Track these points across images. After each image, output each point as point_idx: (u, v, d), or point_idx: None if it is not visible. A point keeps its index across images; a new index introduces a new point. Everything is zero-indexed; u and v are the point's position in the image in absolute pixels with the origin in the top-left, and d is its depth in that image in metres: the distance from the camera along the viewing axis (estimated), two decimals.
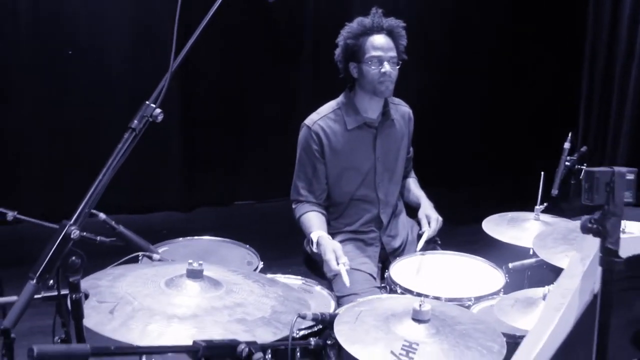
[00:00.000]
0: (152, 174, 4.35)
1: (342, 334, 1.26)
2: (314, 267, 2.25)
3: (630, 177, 0.79)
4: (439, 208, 2.28)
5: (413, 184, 2.39)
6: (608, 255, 0.78)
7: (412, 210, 2.33)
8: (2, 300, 1.29)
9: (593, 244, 0.86)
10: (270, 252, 2.54)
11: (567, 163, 2.10)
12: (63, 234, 1.03)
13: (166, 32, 4.18)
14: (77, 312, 1.07)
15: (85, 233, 1.59)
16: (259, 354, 1.13)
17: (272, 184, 4.52)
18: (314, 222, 2.07)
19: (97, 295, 1.34)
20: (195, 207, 4.57)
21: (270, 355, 1.32)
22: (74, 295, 1.06)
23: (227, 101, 4.53)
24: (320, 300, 1.83)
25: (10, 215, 1.65)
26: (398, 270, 1.96)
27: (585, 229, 0.81)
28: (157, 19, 4.11)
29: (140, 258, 1.84)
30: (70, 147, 4.02)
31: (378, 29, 2.04)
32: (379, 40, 2.04)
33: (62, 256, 1.03)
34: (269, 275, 1.90)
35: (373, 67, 2.03)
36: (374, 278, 2.07)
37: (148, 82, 4.49)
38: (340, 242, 2.15)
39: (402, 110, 2.27)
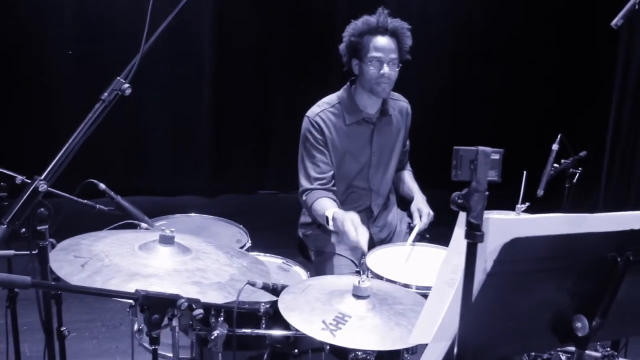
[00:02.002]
0: (182, 160, 4.58)
1: (284, 302, 1.36)
2: (303, 250, 2.37)
3: (496, 157, 0.84)
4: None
5: (408, 176, 2.44)
6: (471, 228, 0.84)
7: (405, 202, 2.39)
8: None
9: None
10: (278, 238, 2.65)
11: (555, 165, 2.10)
12: (32, 187, 1.18)
13: (199, 26, 4.41)
14: (43, 258, 1.21)
15: (86, 201, 1.78)
16: (200, 311, 1.25)
17: (297, 176, 4.66)
18: (328, 204, 2.04)
19: (76, 252, 1.51)
20: (220, 193, 4.77)
21: (222, 319, 1.43)
22: (40, 243, 1.21)
23: (257, 91, 4.70)
24: (295, 278, 1.92)
25: (19, 179, 1.83)
26: (375, 258, 2.03)
27: (453, 204, 0.86)
28: (191, 15, 4.34)
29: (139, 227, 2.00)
30: (106, 129, 4.29)
31: (382, 30, 2.08)
32: (382, 41, 2.07)
33: (31, 206, 1.18)
34: (252, 254, 2.03)
35: (372, 68, 2.08)
36: (356, 264, 2.15)
37: (181, 67, 4.69)
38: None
39: (399, 105, 2.32)
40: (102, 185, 1.94)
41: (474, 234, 0.83)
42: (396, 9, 4.62)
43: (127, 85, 1.25)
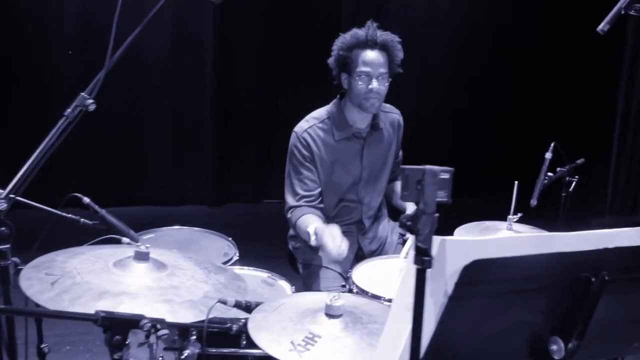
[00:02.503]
0: (184, 169, 4.57)
1: (254, 321, 1.32)
2: (293, 263, 2.33)
3: (445, 176, 0.78)
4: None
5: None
6: (419, 253, 0.78)
7: (398, 213, 2.33)
8: None
9: (433, 242, 0.86)
10: (275, 249, 2.61)
11: (549, 174, 2.03)
12: None
13: (203, 33, 4.41)
14: (5, 278, 1.19)
15: (70, 215, 1.76)
16: (165, 331, 1.22)
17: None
18: (312, 220, 2.01)
19: (48, 269, 1.48)
20: (224, 202, 4.74)
21: (194, 337, 1.39)
22: (2, 262, 1.18)
23: (262, 99, 4.67)
24: (280, 293, 1.88)
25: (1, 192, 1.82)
26: (364, 271, 1.98)
27: (402, 226, 0.82)
28: (195, 21, 4.34)
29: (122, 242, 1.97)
30: (108, 138, 4.30)
31: (371, 44, 2.03)
32: (370, 55, 2.03)
33: None
34: (237, 268, 1.99)
35: (361, 83, 2.03)
36: (344, 277, 2.10)
37: (185, 76, 4.60)
38: None
39: (391, 117, 2.26)
40: (86, 199, 1.92)
41: (422, 260, 0.78)
42: (399, 12, 4.58)
43: (91, 101, 1.23)
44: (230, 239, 2.24)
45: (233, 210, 4.70)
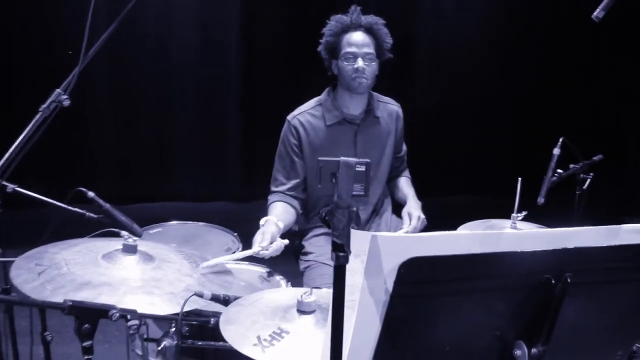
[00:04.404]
0: (212, 165, 4.64)
1: (227, 314, 1.32)
2: (297, 258, 2.32)
3: (361, 168, 0.75)
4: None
5: (404, 182, 2.35)
6: (335, 249, 0.75)
7: (401, 210, 2.29)
8: None
9: (364, 238, 0.83)
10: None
11: (559, 170, 1.92)
12: None
13: (227, 33, 4.46)
14: None
15: (76, 208, 1.82)
16: (135, 322, 1.25)
17: None
18: (275, 212, 2.11)
19: (39, 259, 1.55)
20: (251, 199, 4.78)
21: (173, 329, 1.41)
22: None
23: (288, 97, 4.66)
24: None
25: (10, 188, 1.90)
26: None
27: (321, 220, 0.79)
28: (220, 22, 4.41)
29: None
30: (138, 135, 4.43)
31: (356, 26, 2.07)
32: (356, 36, 2.06)
33: None
34: (234, 263, 2.00)
35: (347, 63, 2.06)
36: None
37: (210, 76, 4.60)
38: (315, 236, 2.19)
39: (389, 108, 2.25)
40: (91, 193, 1.96)
41: (338, 255, 0.75)
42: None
43: (65, 96, 1.26)
44: (235, 234, 2.26)
45: (260, 207, 4.72)
